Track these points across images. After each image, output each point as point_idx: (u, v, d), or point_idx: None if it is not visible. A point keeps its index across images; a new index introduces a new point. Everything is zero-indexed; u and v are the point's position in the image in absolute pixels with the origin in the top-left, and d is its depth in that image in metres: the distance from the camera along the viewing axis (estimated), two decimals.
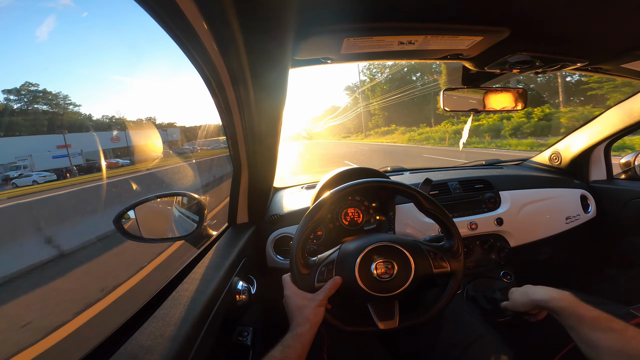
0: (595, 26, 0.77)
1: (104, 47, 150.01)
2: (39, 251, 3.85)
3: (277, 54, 0.64)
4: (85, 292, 2.92)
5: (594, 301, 0.88)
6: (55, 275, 3.54)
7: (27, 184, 13.62)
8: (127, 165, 19.83)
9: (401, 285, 0.73)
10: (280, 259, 1.20)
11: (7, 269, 3.49)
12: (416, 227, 1.27)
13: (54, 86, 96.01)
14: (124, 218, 0.86)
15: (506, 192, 1.41)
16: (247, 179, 1.08)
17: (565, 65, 0.98)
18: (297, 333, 0.66)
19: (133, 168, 17.14)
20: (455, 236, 0.80)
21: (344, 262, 0.76)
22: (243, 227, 1.15)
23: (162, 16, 0.47)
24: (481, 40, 0.81)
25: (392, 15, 0.71)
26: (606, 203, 1.53)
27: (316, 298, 0.71)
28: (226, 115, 0.83)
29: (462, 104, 1.19)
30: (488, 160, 1.97)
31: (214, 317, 0.68)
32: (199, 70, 0.66)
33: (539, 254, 1.49)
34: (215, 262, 0.86)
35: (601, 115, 1.46)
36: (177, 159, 17.69)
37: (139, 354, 0.51)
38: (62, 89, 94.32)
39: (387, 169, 1.83)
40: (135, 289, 2.77)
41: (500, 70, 1.01)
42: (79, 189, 7.40)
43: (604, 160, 1.59)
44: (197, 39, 0.53)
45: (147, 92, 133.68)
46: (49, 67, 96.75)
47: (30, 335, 2.18)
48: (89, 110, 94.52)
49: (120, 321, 0.60)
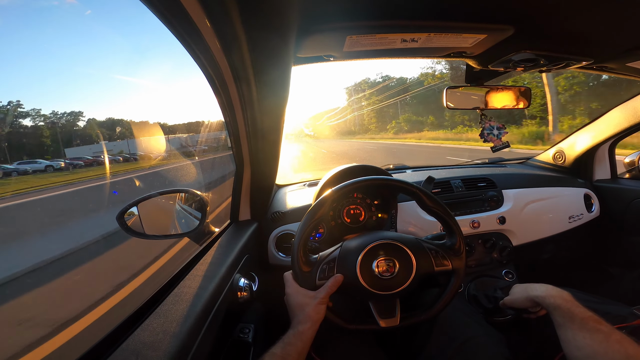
0: (600, 24, 0.76)
1: (107, 45, 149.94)
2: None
3: (279, 51, 0.64)
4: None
5: (597, 301, 0.88)
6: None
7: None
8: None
9: (402, 283, 0.73)
10: (282, 256, 1.20)
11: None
12: (418, 225, 1.27)
13: (55, 86, 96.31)
14: (127, 215, 0.87)
15: (509, 191, 1.41)
16: (249, 176, 1.08)
17: (570, 64, 0.97)
18: (298, 330, 0.66)
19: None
20: (457, 234, 0.80)
21: (346, 259, 0.76)
22: (245, 224, 1.16)
23: (165, 14, 0.47)
24: (485, 38, 0.80)
25: (395, 13, 0.70)
26: (610, 202, 1.52)
27: (317, 296, 0.72)
28: (229, 113, 0.83)
29: (466, 101, 1.19)
30: (491, 159, 1.96)
31: (216, 313, 0.69)
32: (201, 68, 0.66)
33: (542, 253, 1.48)
34: (218, 258, 0.87)
35: (606, 114, 1.45)
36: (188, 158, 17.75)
37: (141, 350, 0.51)
38: (62, 88, 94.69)
39: (390, 166, 1.83)
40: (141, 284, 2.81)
41: (504, 69, 1.00)
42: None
43: (608, 159, 1.58)
44: (200, 37, 0.53)
45: (150, 91, 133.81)
46: (50, 67, 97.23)
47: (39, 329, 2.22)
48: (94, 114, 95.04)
49: (122, 317, 0.61)
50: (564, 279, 1.49)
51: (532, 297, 0.76)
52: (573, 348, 0.62)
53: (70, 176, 12.38)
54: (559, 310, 0.68)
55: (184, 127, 33.69)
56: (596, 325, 0.61)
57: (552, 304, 0.69)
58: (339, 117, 45.68)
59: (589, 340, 0.60)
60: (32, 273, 3.25)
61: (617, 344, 0.57)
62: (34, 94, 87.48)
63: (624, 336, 0.58)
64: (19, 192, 8.10)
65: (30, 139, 22.03)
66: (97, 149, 23.12)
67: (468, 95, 1.17)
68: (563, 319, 0.66)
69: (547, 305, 0.71)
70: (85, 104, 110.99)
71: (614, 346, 0.57)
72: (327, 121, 46.62)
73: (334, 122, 47.71)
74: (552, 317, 0.69)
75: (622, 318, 0.79)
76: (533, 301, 0.77)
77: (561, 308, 0.67)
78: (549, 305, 0.71)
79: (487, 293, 1.11)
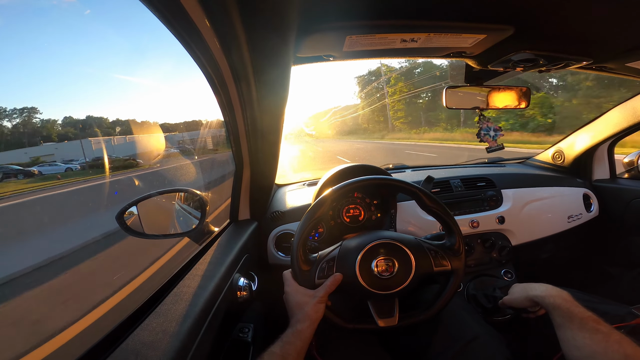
0: (600, 24, 0.76)
1: (106, 44, 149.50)
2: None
3: (279, 51, 0.64)
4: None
5: (596, 300, 0.88)
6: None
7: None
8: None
9: (401, 283, 0.73)
10: (282, 256, 1.20)
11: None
12: (417, 225, 1.28)
13: (55, 86, 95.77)
14: (127, 214, 0.87)
15: (508, 190, 1.41)
16: (249, 175, 1.08)
17: (569, 64, 0.97)
18: (297, 329, 0.66)
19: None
20: (457, 234, 0.80)
21: (345, 259, 0.76)
22: (245, 224, 1.16)
23: (165, 13, 0.47)
24: (485, 38, 0.80)
25: (394, 13, 0.70)
26: (609, 202, 1.52)
27: (316, 295, 0.72)
28: (229, 113, 0.83)
29: (465, 101, 1.19)
30: (490, 158, 1.96)
31: (215, 313, 0.69)
32: (201, 68, 0.66)
33: (541, 252, 1.48)
34: (217, 258, 0.87)
35: (605, 114, 1.45)
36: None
37: (141, 350, 0.51)
38: (62, 88, 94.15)
39: (389, 166, 1.83)
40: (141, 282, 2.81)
41: (504, 69, 1.00)
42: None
43: (608, 159, 1.59)
44: (200, 37, 0.53)
45: (150, 91, 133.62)
46: (50, 66, 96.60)
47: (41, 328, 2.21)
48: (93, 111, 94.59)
49: (122, 317, 0.61)
50: (563, 279, 1.50)
51: (531, 297, 0.77)
52: (572, 348, 0.62)
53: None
54: (558, 310, 0.68)
55: (182, 126, 32.80)
56: (595, 326, 0.61)
57: (552, 303, 0.70)
58: (352, 112, 40.87)
59: (588, 340, 0.60)
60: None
61: (616, 344, 0.57)
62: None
63: (623, 336, 0.58)
64: None
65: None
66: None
67: (468, 95, 1.17)
68: (562, 318, 0.66)
69: (546, 305, 0.72)
70: (84, 104, 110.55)
71: (613, 346, 0.57)
72: (334, 118, 42.07)
73: (341, 119, 42.50)
74: (552, 317, 0.69)
75: (620, 318, 0.79)
76: (532, 301, 0.77)
77: (560, 308, 0.67)
78: (548, 305, 0.71)
79: (486, 292, 1.11)
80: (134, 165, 13.74)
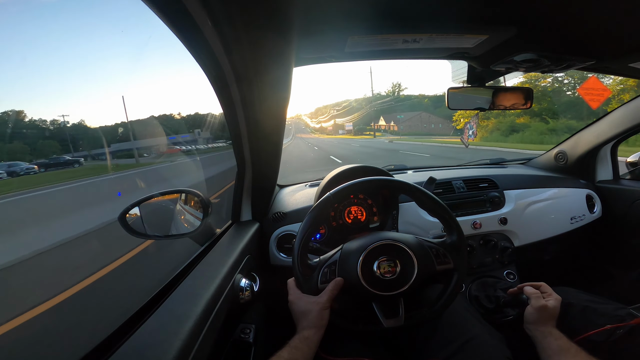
0: (603, 25, 0.75)
1: (108, 45, 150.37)
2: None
3: (281, 52, 0.64)
4: None
5: (597, 300, 0.88)
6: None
7: None
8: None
9: (405, 284, 0.73)
10: (283, 257, 1.20)
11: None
12: (420, 226, 1.27)
13: (55, 86, 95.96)
14: (129, 215, 0.87)
15: (511, 192, 1.40)
16: (251, 176, 1.08)
17: (572, 65, 0.97)
18: (304, 336, 0.67)
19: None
20: (458, 233, 0.80)
21: (347, 262, 0.76)
22: (246, 225, 1.16)
23: (167, 14, 0.47)
24: (487, 38, 0.80)
25: (396, 14, 0.70)
26: (612, 203, 1.51)
27: (319, 301, 0.72)
28: (230, 113, 0.83)
29: (468, 102, 1.19)
30: (493, 159, 1.96)
31: (217, 314, 0.69)
32: (203, 68, 0.66)
33: (543, 253, 1.48)
34: (219, 259, 0.87)
35: (608, 115, 1.44)
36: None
37: (142, 350, 0.51)
38: (63, 89, 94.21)
39: (391, 167, 1.83)
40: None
41: (506, 69, 1.00)
42: None
43: (611, 160, 1.58)
44: (202, 37, 0.53)
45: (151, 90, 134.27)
46: (50, 66, 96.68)
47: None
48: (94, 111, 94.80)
49: (124, 317, 0.61)
50: (565, 280, 1.49)
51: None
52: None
53: None
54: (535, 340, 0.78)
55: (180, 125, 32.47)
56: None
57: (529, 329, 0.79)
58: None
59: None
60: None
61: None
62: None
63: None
64: None
65: None
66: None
67: (470, 96, 1.17)
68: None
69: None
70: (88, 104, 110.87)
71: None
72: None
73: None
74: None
75: (620, 318, 0.79)
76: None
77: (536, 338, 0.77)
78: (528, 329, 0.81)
79: (488, 293, 1.11)
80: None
